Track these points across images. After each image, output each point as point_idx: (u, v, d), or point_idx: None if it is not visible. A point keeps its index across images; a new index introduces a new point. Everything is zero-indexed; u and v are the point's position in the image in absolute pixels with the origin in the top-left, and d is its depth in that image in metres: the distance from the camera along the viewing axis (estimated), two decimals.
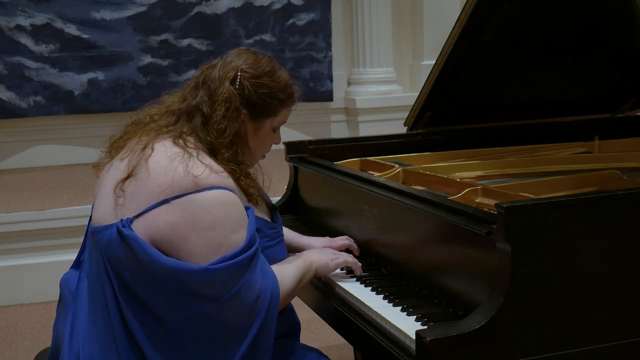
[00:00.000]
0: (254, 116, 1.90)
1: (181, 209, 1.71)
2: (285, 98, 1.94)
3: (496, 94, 2.94)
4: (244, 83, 1.87)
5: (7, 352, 3.64)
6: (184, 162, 1.75)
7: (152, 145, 1.81)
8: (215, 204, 1.72)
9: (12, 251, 4.33)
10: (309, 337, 3.57)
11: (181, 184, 1.72)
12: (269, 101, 1.90)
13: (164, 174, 1.74)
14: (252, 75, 1.89)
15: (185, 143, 1.81)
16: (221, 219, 1.72)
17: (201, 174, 1.73)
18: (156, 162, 1.77)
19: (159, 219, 1.71)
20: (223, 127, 1.84)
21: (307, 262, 2.00)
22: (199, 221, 1.70)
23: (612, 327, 1.72)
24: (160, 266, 1.69)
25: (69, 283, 1.89)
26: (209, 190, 1.73)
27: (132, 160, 1.79)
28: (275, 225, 2.01)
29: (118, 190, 1.77)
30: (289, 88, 1.95)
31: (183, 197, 1.71)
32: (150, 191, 1.74)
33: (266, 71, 1.91)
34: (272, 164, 2.07)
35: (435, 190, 2.34)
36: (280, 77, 1.93)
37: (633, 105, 3.18)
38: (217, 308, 1.70)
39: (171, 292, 1.70)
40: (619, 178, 2.28)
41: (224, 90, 1.85)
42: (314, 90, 6.01)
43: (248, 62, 1.90)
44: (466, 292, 1.79)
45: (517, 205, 1.64)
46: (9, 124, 5.49)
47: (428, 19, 6.12)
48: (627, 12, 2.17)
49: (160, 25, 5.64)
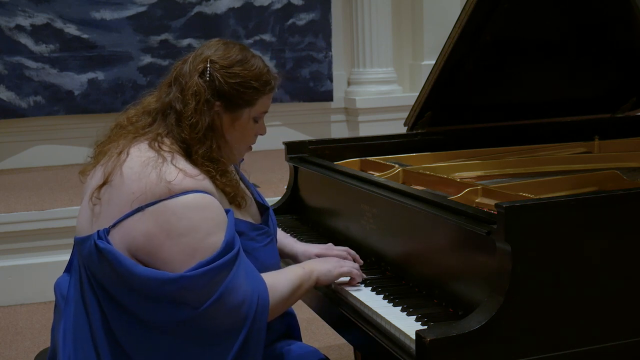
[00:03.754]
0: (229, 107, 1.85)
1: (155, 217, 1.68)
2: (260, 86, 1.87)
3: (496, 94, 2.94)
4: (213, 74, 1.83)
5: (7, 352, 3.64)
6: (157, 168, 1.71)
7: (128, 149, 1.78)
8: (188, 209, 1.69)
9: (12, 251, 4.33)
10: (309, 337, 3.57)
11: (154, 191, 1.69)
12: (242, 90, 1.85)
13: (137, 180, 1.71)
14: (222, 65, 1.84)
15: (160, 146, 1.78)
16: (195, 224, 1.69)
17: (174, 179, 1.70)
18: (130, 168, 1.74)
19: (135, 228, 1.69)
20: (195, 121, 1.79)
21: (307, 271, 1.95)
22: (172, 228, 1.68)
23: (612, 327, 1.72)
24: (137, 277, 1.67)
25: (61, 287, 1.87)
26: (183, 195, 1.70)
27: (108, 166, 1.77)
28: (261, 227, 1.96)
29: (94, 199, 1.75)
30: (264, 76, 1.88)
31: (157, 204, 1.69)
32: (124, 199, 1.71)
33: (237, 60, 1.85)
34: (272, 164, 2.06)
35: (435, 190, 2.34)
36: (253, 66, 1.87)
37: (633, 105, 3.18)
38: (199, 314, 1.67)
39: (152, 300, 1.68)
40: (619, 178, 2.28)
41: (193, 83, 1.81)
42: (314, 90, 6.01)
43: (218, 53, 1.86)
44: (466, 292, 1.79)
45: (517, 205, 1.64)
46: (9, 124, 5.49)
47: (428, 19, 6.12)
48: (627, 12, 2.17)
49: (160, 25, 5.64)
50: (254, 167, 2.27)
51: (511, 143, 2.90)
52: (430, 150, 2.86)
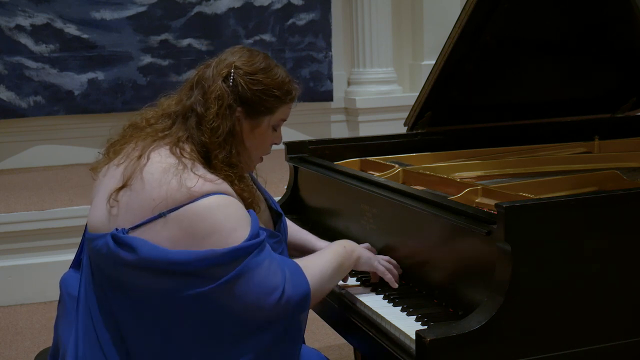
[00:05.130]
0: (250, 114, 1.87)
1: (178, 222, 1.69)
2: (282, 95, 1.90)
3: (496, 94, 2.94)
4: (237, 80, 1.84)
5: (7, 352, 3.64)
6: (178, 175, 1.73)
7: (148, 153, 1.79)
8: (211, 209, 1.70)
9: (12, 251, 4.33)
10: (309, 337, 3.57)
11: (175, 197, 1.70)
12: (264, 98, 1.87)
13: (158, 187, 1.72)
14: (246, 72, 1.85)
15: (181, 153, 1.79)
16: (219, 222, 1.70)
17: (194, 185, 1.71)
18: (150, 173, 1.75)
19: (159, 235, 1.70)
20: (216, 125, 1.81)
21: (349, 250, 1.97)
22: (197, 231, 1.69)
23: (612, 327, 1.72)
24: (165, 260, 1.67)
25: (68, 284, 1.88)
26: (205, 198, 1.71)
27: (128, 169, 1.77)
28: (276, 234, 1.98)
29: (112, 200, 1.75)
30: (286, 85, 1.91)
31: (179, 209, 1.70)
32: (144, 204, 1.72)
33: (261, 68, 1.87)
34: (272, 164, 2.06)
35: (435, 190, 2.34)
36: (277, 74, 1.89)
37: (633, 105, 3.18)
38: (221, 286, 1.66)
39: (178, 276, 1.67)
40: (619, 178, 2.28)
41: (216, 87, 1.82)
42: (314, 90, 6.01)
43: (242, 59, 1.87)
44: (466, 292, 1.79)
45: (517, 205, 1.64)
46: (9, 124, 5.48)
47: (428, 19, 6.12)
48: (627, 12, 2.17)
49: (160, 25, 5.64)
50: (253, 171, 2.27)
51: (511, 143, 2.90)
52: (430, 150, 2.86)
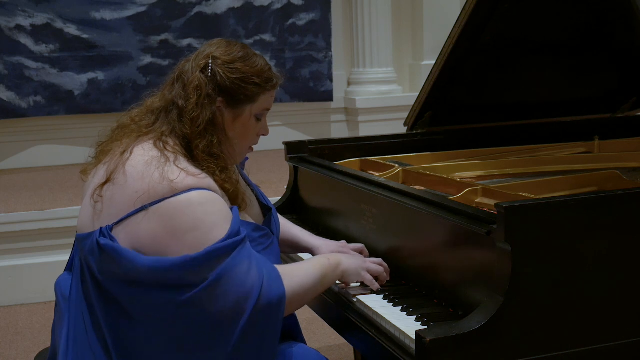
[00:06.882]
0: (231, 103, 1.87)
1: (158, 216, 1.69)
2: (262, 82, 1.89)
3: (496, 94, 2.94)
4: (215, 70, 1.85)
5: (7, 352, 3.64)
6: (160, 168, 1.73)
7: (131, 148, 1.80)
8: (192, 205, 1.70)
9: (12, 251, 4.33)
10: (309, 337, 3.57)
11: (157, 190, 1.71)
12: (243, 86, 1.87)
13: (141, 179, 1.73)
14: (224, 61, 1.86)
15: (164, 146, 1.79)
16: (199, 219, 1.70)
17: (177, 178, 1.72)
18: (133, 167, 1.76)
19: (140, 228, 1.70)
20: (196, 115, 1.81)
21: (333, 263, 1.94)
22: (177, 226, 1.69)
23: (612, 327, 1.72)
24: (141, 268, 1.67)
25: (62, 286, 1.87)
26: (186, 193, 1.71)
27: (111, 164, 1.78)
28: (263, 228, 1.97)
29: (96, 196, 1.76)
30: (266, 73, 1.91)
31: (160, 202, 1.70)
32: (127, 197, 1.73)
33: (239, 57, 1.88)
34: (272, 164, 2.06)
35: (435, 190, 2.34)
36: (255, 63, 1.90)
37: (633, 105, 3.18)
38: (200, 293, 1.66)
39: (154, 286, 1.67)
40: (619, 178, 2.27)
41: (195, 78, 1.84)
42: (314, 90, 6.01)
43: (220, 50, 1.88)
44: (466, 292, 1.79)
45: (517, 205, 1.64)
46: (9, 124, 5.49)
47: (428, 19, 6.12)
48: (627, 12, 2.17)
49: (160, 25, 5.64)
50: (254, 167, 2.27)
51: (511, 143, 2.90)
52: (430, 150, 2.86)
